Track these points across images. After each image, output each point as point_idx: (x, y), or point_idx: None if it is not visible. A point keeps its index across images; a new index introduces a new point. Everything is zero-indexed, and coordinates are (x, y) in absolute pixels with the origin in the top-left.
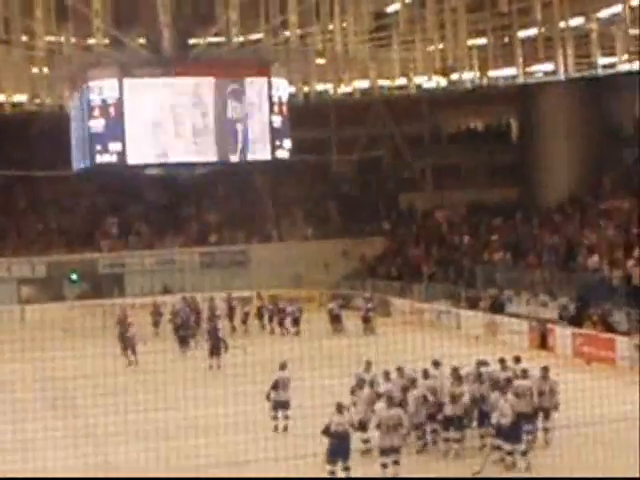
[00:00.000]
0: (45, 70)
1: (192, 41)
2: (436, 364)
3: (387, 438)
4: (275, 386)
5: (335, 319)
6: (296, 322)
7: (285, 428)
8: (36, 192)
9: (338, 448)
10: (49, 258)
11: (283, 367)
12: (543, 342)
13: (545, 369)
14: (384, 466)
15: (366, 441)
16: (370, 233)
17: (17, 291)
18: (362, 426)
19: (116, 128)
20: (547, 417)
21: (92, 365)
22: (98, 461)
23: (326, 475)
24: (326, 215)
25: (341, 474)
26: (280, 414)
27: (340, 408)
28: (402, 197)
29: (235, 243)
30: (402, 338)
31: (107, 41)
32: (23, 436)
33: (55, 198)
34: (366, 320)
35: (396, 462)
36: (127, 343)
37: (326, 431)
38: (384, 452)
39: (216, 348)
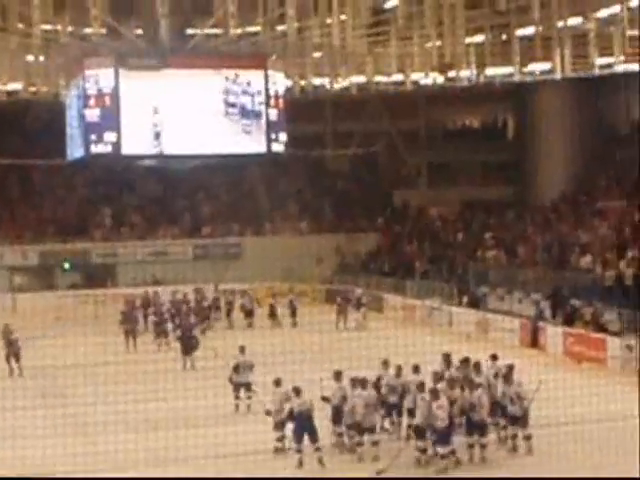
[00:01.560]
0: (41, 58)
1: (189, 32)
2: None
3: (366, 418)
4: (236, 369)
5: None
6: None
7: (249, 408)
8: (30, 181)
9: (303, 427)
10: (42, 247)
11: (242, 351)
12: (534, 341)
13: (508, 372)
14: (360, 444)
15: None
16: (364, 229)
17: (9, 279)
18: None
19: (111, 118)
20: (524, 425)
21: (82, 355)
22: (87, 451)
23: (294, 453)
24: (320, 210)
25: (314, 454)
26: (242, 394)
27: (297, 391)
28: (396, 194)
29: (228, 236)
30: (393, 334)
31: (104, 30)
32: (12, 424)
33: (49, 187)
34: (338, 312)
35: (375, 443)
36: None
37: (290, 414)
38: (363, 431)
39: (189, 347)
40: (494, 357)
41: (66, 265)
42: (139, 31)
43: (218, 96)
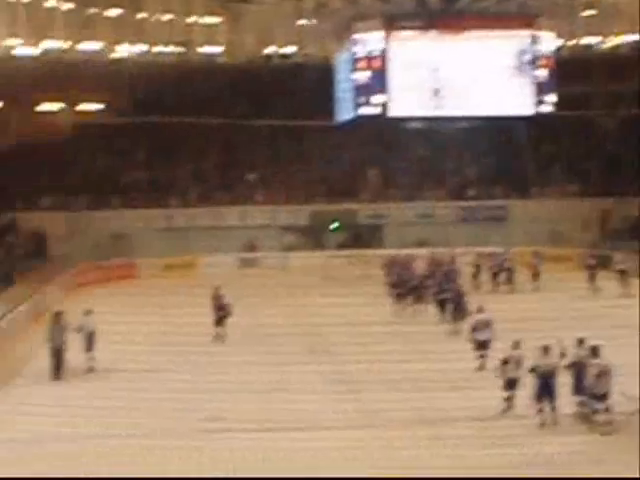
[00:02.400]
0: (313, 22)
1: None
2: None
3: (599, 386)
4: (475, 328)
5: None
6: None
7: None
8: (300, 142)
9: (544, 387)
10: (312, 207)
11: (480, 310)
12: None
13: None
14: (595, 412)
15: None
16: (634, 193)
17: (280, 239)
18: None
19: (380, 80)
20: None
21: (350, 314)
22: (355, 407)
23: (535, 412)
24: (587, 173)
25: (549, 414)
26: (484, 352)
27: (546, 350)
28: None
29: (493, 198)
30: None
31: None
32: (281, 378)
33: (318, 149)
34: (535, 275)
35: (607, 410)
36: None
37: (533, 370)
38: (597, 398)
39: (459, 313)
40: None
41: (334, 225)
42: None
43: (484, 58)
